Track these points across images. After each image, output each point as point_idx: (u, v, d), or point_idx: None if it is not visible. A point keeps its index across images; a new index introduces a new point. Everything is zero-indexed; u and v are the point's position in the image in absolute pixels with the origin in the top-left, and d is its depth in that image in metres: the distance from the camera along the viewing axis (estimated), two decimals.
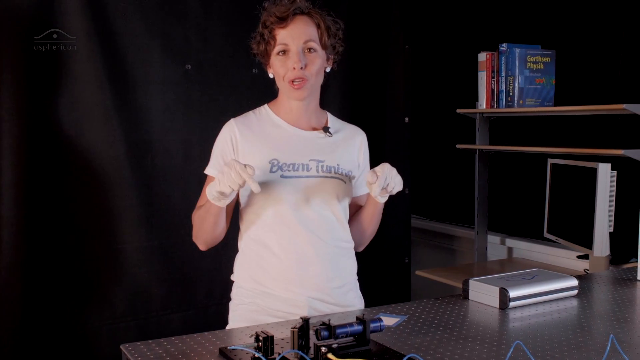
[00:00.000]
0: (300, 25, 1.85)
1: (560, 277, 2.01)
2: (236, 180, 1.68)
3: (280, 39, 1.85)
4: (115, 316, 2.72)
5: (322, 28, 1.88)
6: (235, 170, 1.68)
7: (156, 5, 2.75)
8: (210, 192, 1.76)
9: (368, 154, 2.07)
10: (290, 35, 1.84)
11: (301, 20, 1.86)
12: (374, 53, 3.40)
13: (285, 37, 1.84)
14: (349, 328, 1.48)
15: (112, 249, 2.71)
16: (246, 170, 1.68)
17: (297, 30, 1.84)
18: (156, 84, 2.77)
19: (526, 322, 1.76)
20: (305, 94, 1.88)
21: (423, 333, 1.67)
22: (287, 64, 1.84)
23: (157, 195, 2.78)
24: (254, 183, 1.69)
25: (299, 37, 1.84)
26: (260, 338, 1.41)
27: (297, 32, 1.84)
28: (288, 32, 1.84)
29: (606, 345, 1.52)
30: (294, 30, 1.84)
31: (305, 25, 1.86)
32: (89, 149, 2.66)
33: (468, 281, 1.98)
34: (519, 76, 3.12)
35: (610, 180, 2.56)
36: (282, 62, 1.85)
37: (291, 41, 1.84)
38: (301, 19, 1.86)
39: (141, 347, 1.61)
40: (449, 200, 4.04)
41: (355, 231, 2.01)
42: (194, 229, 1.92)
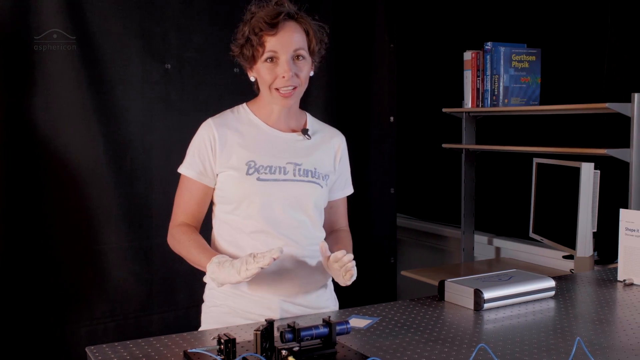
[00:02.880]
0: (290, 32, 1.81)
1: (537, 278, 1.98)
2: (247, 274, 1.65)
3: (269, 46, 1.79)
4: (93, 317, 2.70)
5: (311, 35, 1.85)
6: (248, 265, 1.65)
7: (135, 4, 2.73)
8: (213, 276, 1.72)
9: (347, 157, 2.03)
10: (280, 43, 1.79)
11: (290, 27, 1.81)
12: (358, 52, 3.38)
13: (275, 44, 1.79)
14: (314, 330, 1.46)
15: (90, 250, 2.69)
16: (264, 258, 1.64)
17: (287, 37, 1.80)
18: (135, 83, 2.75)
19: (499, 324, 1.74)
20: (292, 102, 1.86)
21: (393, 335, 1.64)
22: (276, 72, 1.80)
23: (137, 195, 2.76)
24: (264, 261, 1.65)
25: (289, 45, 1.80)
26: (222, 341, 1.39)
27: (287, 40, 1.80)
28: (278, 39, 1.79)
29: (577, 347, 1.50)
30: (284, 37, 1.79)
31: (294, 32, 1.81)
32: (67, 149, 2.64)
33: (444, 282, 1.96)
34: (503, 75, 3.10)
35: (594, 179, 2.54)
36: (270, 70, 1.81)
37: (281, 49, 1.79)
38: (290, 26, 1.82)
39: (106, 350, 1.59)
40: (436, 200, 4.02)
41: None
42: (174, 249, 1.89)
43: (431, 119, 3.84)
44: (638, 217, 2.16)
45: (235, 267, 1.66)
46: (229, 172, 1.84)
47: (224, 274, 1.68)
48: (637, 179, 2.59)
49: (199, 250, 1.80)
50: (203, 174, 1.86)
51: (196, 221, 1.91)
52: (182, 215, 1.89)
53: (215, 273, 1.71)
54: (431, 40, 3.95)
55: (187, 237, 1.84)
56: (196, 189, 1.88)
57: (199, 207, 1.90)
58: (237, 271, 1.66)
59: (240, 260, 1.67)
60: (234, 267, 1.67)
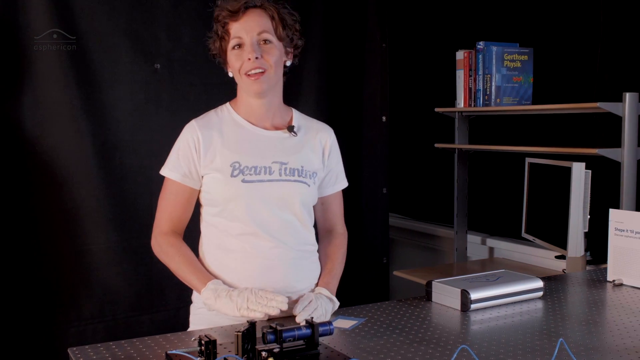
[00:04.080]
0: (254, 17, 1.81)
1: (525, 279, 1.97)
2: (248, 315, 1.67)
3: (233, 32, 1.81)
4: (82, 318, 2.68)
5: (277, 20, 1.84)
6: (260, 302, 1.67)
7: (124, 4, 2.71)
8: (208, 302, 1.74)
9: (337, 151, 2.01)
10: (243, 28, 1.80)
11: (254, 13, 1.82)
12: (350, 51, 3.36)
13: (238, 30, 1.80)
14: (296, 332, 1.44)
15: (79, 250, 2.67)
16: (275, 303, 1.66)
17: (250, 22, 1.81)
18: (125, 83, 2.74)
19: (486, 325, 1.73)
20: (264, 87, 1.83)
21: (378, 336, 1.63)
22: (243, 56, 1.80)
23: (126, 195, 2.74)
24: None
25: (252, 29, 1.80)
26: (203, 342, 1.37)
27: (250, 25, 1.80)
28: (241, 24, 1.80)
29: (561, 348, 1.49)
30: (247, 22, 1.80)
31: (258, 17, 1.82)
32: (56, 149, 2.62)
33: (431, 283, 1.95)
34: (496, 74, 3.09)
35: (585, 179, 2.53)
36: (238, 56, 1.81)
37: (245, 34, 1.80)
38: (254, 12, 1.82)
39: (88, 351, 1.58)
40: (429, 199, 4.00)
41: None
42: (160, 259, 1.89)
43: (424, 118, 3.83)
44: (627, 217, 2.15)
45: (234, 301, 1.68)
46: (214, 174, 1.82)
47: (220, 304, 1.71)
48: (628, 179, 2.58)
49: (191, 269, 1.82)
50: (188, 177, 1.85)
51: (181, 225, 1.90)
52: (167, 221, 1.87)
53: (210, 300, 1.73)
54: (423, 39, 3.94)
55: (177, 251, 1.84)
56: (181, 192, 1.86)
57: (184, 211, 1.88)
58: (236, 306, 1.68)
59: (240, 295, 1.69)
60: (232, 301, 1.69)
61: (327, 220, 2.02)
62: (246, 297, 1.67)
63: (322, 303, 1.75)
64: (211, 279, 1.78)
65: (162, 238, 1.87)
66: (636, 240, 2.11)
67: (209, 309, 1.77)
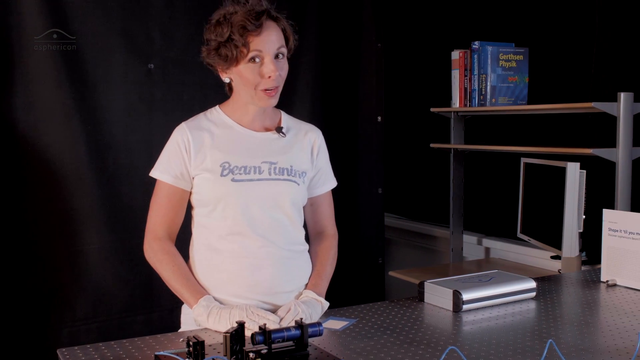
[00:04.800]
0: (272, 31, 1.78)
1: (518, 279, 1.96)
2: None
3: (254, 45, 1.75)
4: (76, 318, 2.67)
5: (288, 33, 1.84)
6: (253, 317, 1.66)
7: (118, 3, 2.70)
8: (199, 319, 1.73)
9: (325, 152, 2.00)
10: (264, 42, 1.76)
11: (272, 26, 1.79)
12: (345, 51, 3.35)
13: (259, 44, 1.76)
14: (285, 333, 1.44)
15: (72, 250, 2.66)
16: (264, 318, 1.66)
17: (270, 37, 1.77)
18: (118, 83, 2.72)
19: (477, 326, 1.72)
20: (275, 101, 1.84)
21: (369, 337, 1.63)
22: (262, 72, 1.77)
23: (119, 195, 2.73)
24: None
25: (272, 44, 1.77)
26: (191, 343, 1.37)
27: (271, 39, 1.77)
28: (262, 39, 1.76)
29: (551, 349, 1.48)
30: (268, 36, 1.77)
31: (275, 31, 1.79)
32: (49, 149, 2.61)
33: (423, 283, 1.94)
34: (491, 74, 3.08)
35: (579, 179, 2.52)
36: (254, 70, 1.77)
37: (265, 49, 1.76)
38: (272, 25, 1.79)
39: (77, 351, 1.58)
40: (425, 200, 4.00)
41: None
42: (152, 264, 1.88)
43: (419, 118, 3.82)
44: (621, 218, 2.14)
45: (225, 319, 1.67)
46: (204, 175, 1.82)
47: (211, 322, 1.70)
48: (623, 179, 2.57)
49: (183, 282, 1.81)
50: (179, 179, 1.84)
51: (175, 228, 1.89)
52: (161, 224, 1.86)
53: (202, 317, 1.72)
54: (419, 39, 3.93)
55: (171, 260, 1.83)
56: (173, 193, 1.86)
57: (177, 213, 1.88)
58: (228, 325, 1.66)
59: (232, 313, 1.68)
60: (223, 319, 1.68)
61: (317, 222, 2.01)
62: (237, 315, 1.66)
63: (305, 308, 1.73)
64: (203, 295, 1.78)
65: (157, 244, 1.86)
66: (630, 241, 2.10)
67: (199, 325, 1.76)
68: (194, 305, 1.76)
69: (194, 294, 1.78)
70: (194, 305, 1.76)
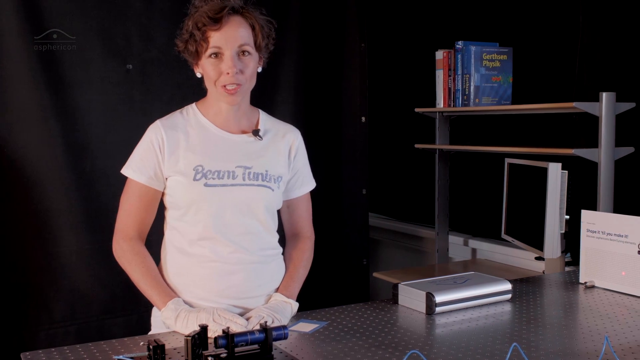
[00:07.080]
0: (234, 27, 1.76)
1: (493, 281, 1.94)
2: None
3: (213, 41, 1.75)
4: (53, 321, 2.65)
5: (257, 29, 1.80)
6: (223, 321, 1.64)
7: (95, 3, 2.68)
8: (167, 322, 1.72)
9: (304, 153, 1.97)
10: (224, 38, 1.74)
11: (235, 22, 1.76)
12: (329, 51, 3.33)
13: (218, 40, 1.74)
14: (249, 336, 1.42)
15: (49, 252, 2.64)
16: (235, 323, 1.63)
17: (231, 32, 1.75)
18: (96, 83, 2.70)
19: (449, 329, 1.70)
20: (238, 99, 1.80)
21: (337, 340, 1.61)
22: (221, 68, 1.75)
23: (97, 196, 2.71)
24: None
25: (233, 40, 1.75)
26: (151, 347, 1.35)
27: (231, 35, 1.75)
28: (222, 34, 1.74)
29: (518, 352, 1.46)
30: (228, 32, 1.74)
31: (239, 26, 1.76)
32: (25, 150, 2.59)
33: (397, 285, 1.92)
34: (474, 74, 3.06)
35: (561, 180, 2.50)
36: (215, 66, 1.76)
37: (225, 44, 1.74)
38: (235, 20, 1.77)
39: (41, 355, 1.57)
40: (411, 200, 3.98)
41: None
42: (120, 264, 1.86)
43: (404, 119, 3.80)
44: (599, 218, 2.13)
45: (192, 322, 1.64)
46: (177, 177, 1.79)
47: (179, 325, 1.67)
48: (605, 179, 2.55)
49: (153, 284, 1.78)
50: (152, 179, 1.82)
51: (145, 228, 1.86)
52: (132, 224, 1.84)
53: (170, 320, 1.70)
54: (403, 39, 3.91)
55: (141, 262, 1.81)
56: (145, 194, 1.83)
57: (148, 213, 1.85)
58: (196, 327, 1.61)
59: (199, 316, 1.65)
60: (190, 322, 1.65)
61: (293, 224, 1.99)
62: (204, 319, 1.64)
63: (268, 312, 1.71)
64: (172, 297, 1.75)
65: (126, 244, 1.83)
66: (608, 242, 2.08)
67: (168, 328, 1.74)
68: (162, 307, 1.73)
69: (162, 297, 1.75)
70: (162, 307, 1.73)
